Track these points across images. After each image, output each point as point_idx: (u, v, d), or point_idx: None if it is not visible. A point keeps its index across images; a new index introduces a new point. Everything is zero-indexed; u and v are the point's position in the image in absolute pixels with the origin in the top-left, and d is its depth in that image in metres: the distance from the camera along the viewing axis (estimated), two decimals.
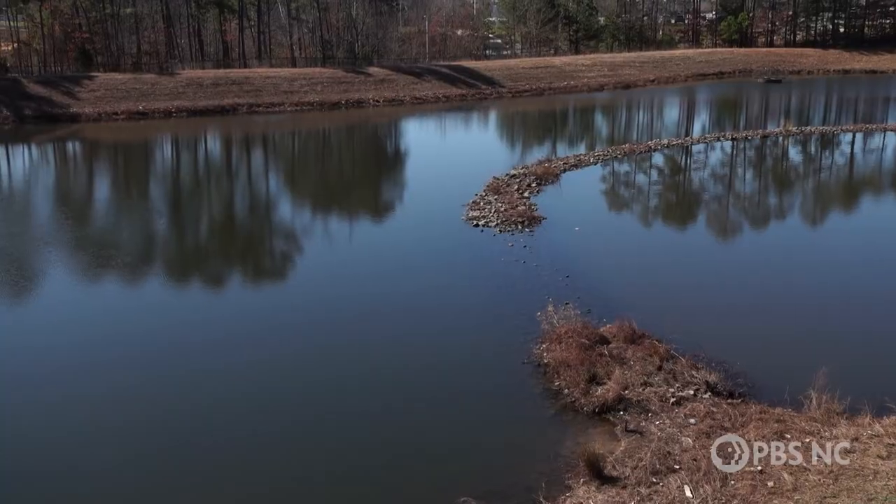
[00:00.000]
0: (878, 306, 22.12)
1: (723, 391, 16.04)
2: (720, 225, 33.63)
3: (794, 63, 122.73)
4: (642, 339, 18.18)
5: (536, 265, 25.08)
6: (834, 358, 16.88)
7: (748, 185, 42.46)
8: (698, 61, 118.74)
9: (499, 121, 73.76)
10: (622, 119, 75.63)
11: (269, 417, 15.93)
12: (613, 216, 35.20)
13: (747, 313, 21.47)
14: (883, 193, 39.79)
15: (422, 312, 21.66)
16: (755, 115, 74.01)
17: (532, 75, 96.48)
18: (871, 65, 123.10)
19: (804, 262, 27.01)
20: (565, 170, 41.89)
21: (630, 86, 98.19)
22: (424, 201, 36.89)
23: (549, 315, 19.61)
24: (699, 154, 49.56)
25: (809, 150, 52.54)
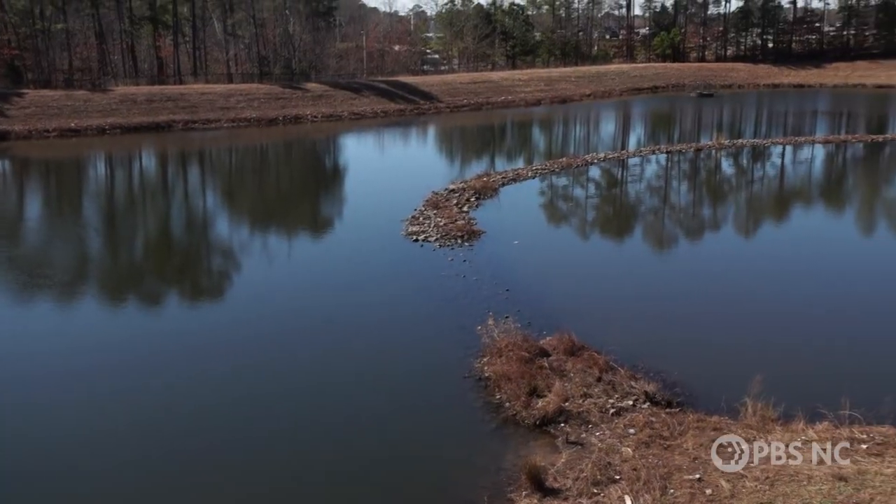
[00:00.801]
0: (811, 313, 22.61)
1: (661, 401, 16.21)
2: (656, 236, 34.12)
3: (726, 77, 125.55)
4: (582, 351, 18.30)
5: (476, 279, 25.14)
6: (768, 365, 17.21)
7: (683, 197, 43.21)
8: (633, 76, 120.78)
9: (437, 136, 74.02)
10: (559, 133, 76.42)
11: (200, 434, 15.64)
12: (552, 229, 35.48)
13: (684, 323, 21.80)
14: (813, 204, 40.77)
15: (360, 328, 21.51)
16: (689, 129, 75.38)
17: (470, 90, 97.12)
18: (798, 79, 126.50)
19: (738, 272, 27.49)
20: (504, 184, 42.16)
21: (567, 100, 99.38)
22: (363, 217, 36.80)
23: (489, 329, 19.66)
24: (635, 167, 50.28)
25: (742, 163, 53.64)
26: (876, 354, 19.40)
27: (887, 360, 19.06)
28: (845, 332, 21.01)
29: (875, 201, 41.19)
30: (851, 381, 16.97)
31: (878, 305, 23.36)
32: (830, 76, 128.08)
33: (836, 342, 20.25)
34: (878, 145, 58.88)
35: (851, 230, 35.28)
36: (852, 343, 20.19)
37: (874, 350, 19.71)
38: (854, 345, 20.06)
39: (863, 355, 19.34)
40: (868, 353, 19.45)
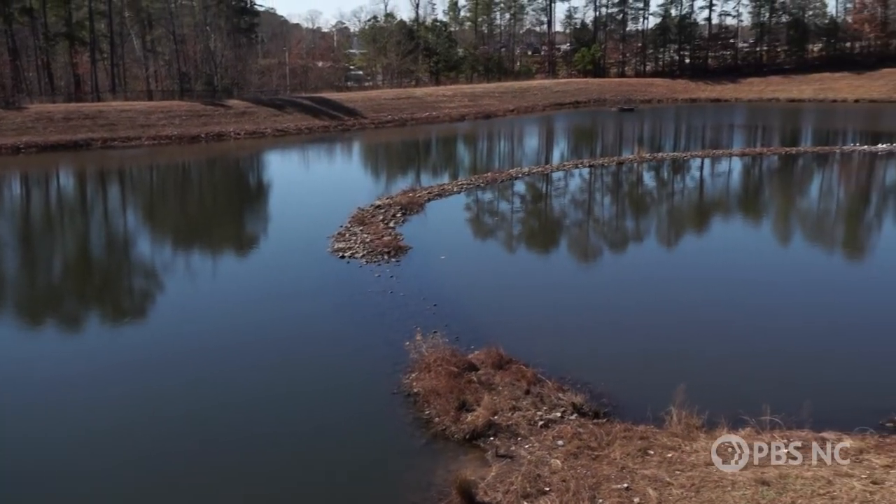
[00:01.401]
0: (732, 321, 23.11)
1: (589, 412, 16.36)
2: (581, 249, 34.53)
3: (645, 92, 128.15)
4: (510, 365, 18.39)
5: (403, 295, 25.09)
6: (692, 373, 17.58)
7: (607, 209, 43.87)
8: (555, 91, 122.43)
9: (362, 152, 73.87)
10: (484, 148, 76.95)
11: (120, 454, 15.24)
12: (478, 243, 35.65)
13: (610, 334, 22.09)
14: (732, 215, 41.74)
15: (286, 346, 21.27)
16: (610, 143, 76.64)
17: (394, 106, 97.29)
18: (715, 94, 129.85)
19: (661, 282, 27.99)
20: (430, 199, 42.24)
21: (490, 115, 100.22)
22: (289, 234, 36.48)
23: (417, 344, 19.63)
24: (559, 181, 50.90)
25: (662, 176, 54.71)
26: (794, 361, 19.91)
27: (805, 365, 19.59)
28: (765, 340, 21.52)
29: (791, 212, 42.38)
30: (772, 387, 17.40)
31: (795, 313, 23.99)
32: (745, 91, 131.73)
33: (756, 349, 20.73)
34: (792, 157, 60.70)
35: (769, 240, 36.23)
36: (772, 350, 20.68)
37: (793, 356, 20.23)
38: (773, 352, 20.55)
39: (782, 362, 19.82)
40: (787, 360, 19.94)
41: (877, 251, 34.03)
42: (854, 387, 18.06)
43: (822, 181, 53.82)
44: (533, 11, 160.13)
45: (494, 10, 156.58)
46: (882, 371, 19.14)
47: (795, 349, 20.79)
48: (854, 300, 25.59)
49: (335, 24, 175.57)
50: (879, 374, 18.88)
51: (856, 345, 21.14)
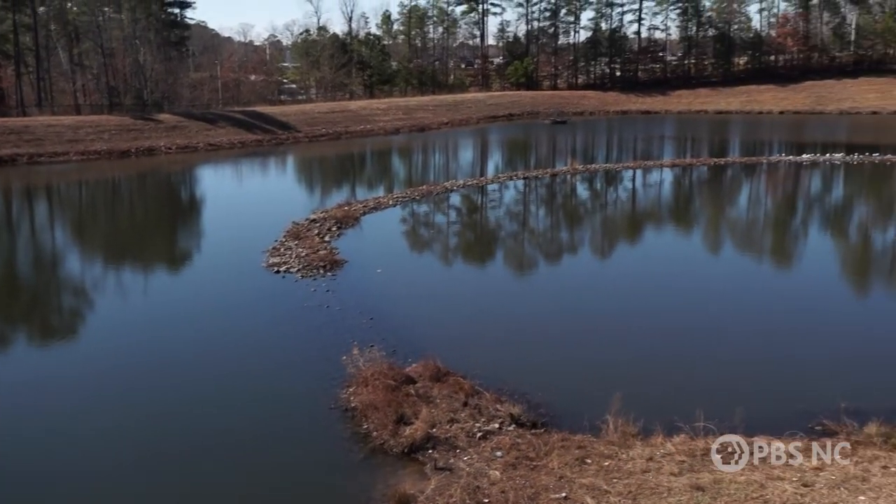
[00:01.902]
0: (665, 329, 23.46)
1: (526, 422, 16.42)
2: (517, 260, 34.75)
3: (578, 105, 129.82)
4: (447, 377, 18.37)
5: (340, 309, 24.93)
6: (628, 381, 17.79)
7: (541, 221, 44.26)
8: (489, 104, 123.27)
9: (297, 166, 73.41)
10: (419, 161, 77.09)
11: (43, 472, 14.85)
12: (414, 256, 35.63)
13: (547, 343, 22.21)
14: (664, 224, 42.42)
15: (221, 363, 20.96)
16: (544, 155, 77.38)
17: (328, 120, 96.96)
18: (645, 106, 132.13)
19: (596, 291, 28.32)
20: (365, 212, 42.12)
21: (425, 128, 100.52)
22: (222, 249, 36.01)
23: (354, 358, 19.50)
24: (494, 193, 51.20)
25: (596, 187, 55.39)
26: (726, 366, 20.27)
27: (737, 371, 19.93)
28: (697, 346, 21.94)
29: (721, 221, 43.22)
30: (705, 393, 17.69)
31: (726, 319, 24.47)
32: (675, 103, 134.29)
33: (689, 355, 21.10)
34: (721, 168, 62.00)
35: (700, 249, 36.90)
36: (704, 356, 21.08)
37: (724, 362, 20.59)
38: (706, 357, 20.94)
39: (714, 367, 20.19)
40: (719, 365, 20.31)
41: (803, 258, 34.86)
42: (784, 391, 18.44)
43: (751, 191, 55.05)
44: (466, 25, 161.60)
45: (427, 23, 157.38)
46: (810, 375, 19.59)
47: (727, 355, 21.18)
48: (782, 306, 26.15)
49: (267, 38, 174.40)
50: (808, 379, 19.31)
51: (785, 350, 21.59)
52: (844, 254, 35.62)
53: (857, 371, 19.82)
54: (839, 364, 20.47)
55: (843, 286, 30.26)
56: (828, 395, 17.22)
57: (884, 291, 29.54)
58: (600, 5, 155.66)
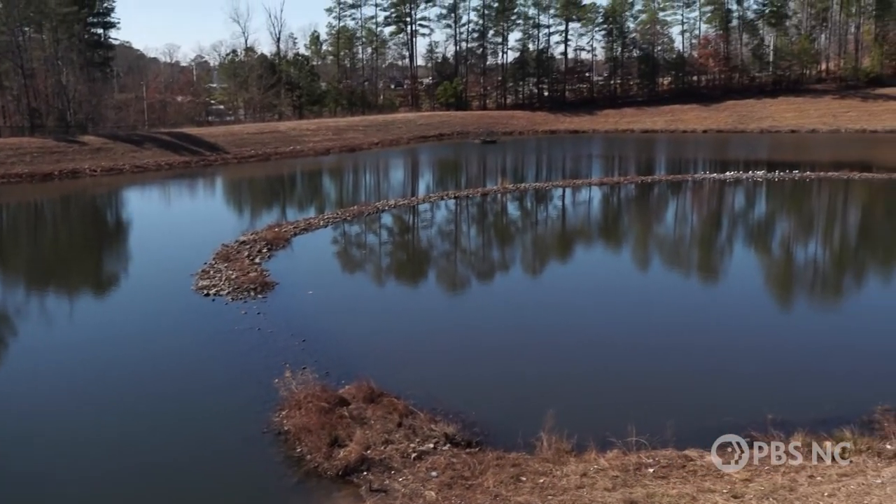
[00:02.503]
0: (597, 344, 23.75)
1: (461, 441, 16.41)
2: (449, 279, 34.81)
3: (507, 124, 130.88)
4: (381, 398, 18.26)
5: (271, 331, 24.64)
6: (561, 398, 17.92)
7: (473, 239, 44.47)
8: (419, 124, 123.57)
9: (225, 187, 72.54)
10: (350, 181, 76.88)
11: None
12: (346, 277, 35.46)
13: (480, 362, 22.26)
14: (594, 241, 42.98)
15: (150, 388, 20.52)
16: (475, 174, 77.81)
17: (257, 141, 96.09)
18: (573, 125, 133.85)
19: (528, 308, 28.52)
20: (296, 234, 41.77)
21: (355, 149, 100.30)
22: (151, 273, 35.29)
23: (286, 381, 19.30)
24: (426, 213, 51.28)
25: (526, 205, 55.87)
26: (657, 381, 20.57)
27: (667, 385, 20.24)
28: (628, 361, 22.20)
29: (649, 238, 43.94)
30: (636, 407, 17.88)
31: (655, 334, 24.83)
32: (602, 122, 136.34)
33: (620, 371, 21.37)
34: (648, 185, 63.13)
35: (629, 265, 37.43)
36: (635, 371, 21.35)
37: (655, 377, 20.90)
38: (636, 372, 21.21)
39: (645, 382, 20.46)
40: (649, 380, 20.60)
41: (729, 273, 35.59)
42: (713, 404, 18.76)
43: (677, 208, 56.15)
44: (395, 46, 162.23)
45: (356, 44, 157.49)
46: (738, 387, 19.98)
47: (657, 368, 21.51)
48: (709, 320, 26.71)
49: (194, 58, 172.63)
50: (735, 391, 19.70)
51: (713, 363, 22.02)
52: (769, 268, 36.49)
53: (782, 383, 20.26)
54: (765, 376, 20.92)
55: (768, 300, 30.99)
56: (755, 406, 17.55)
57: (806, 305, 30.31)
58: (527, 27, 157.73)
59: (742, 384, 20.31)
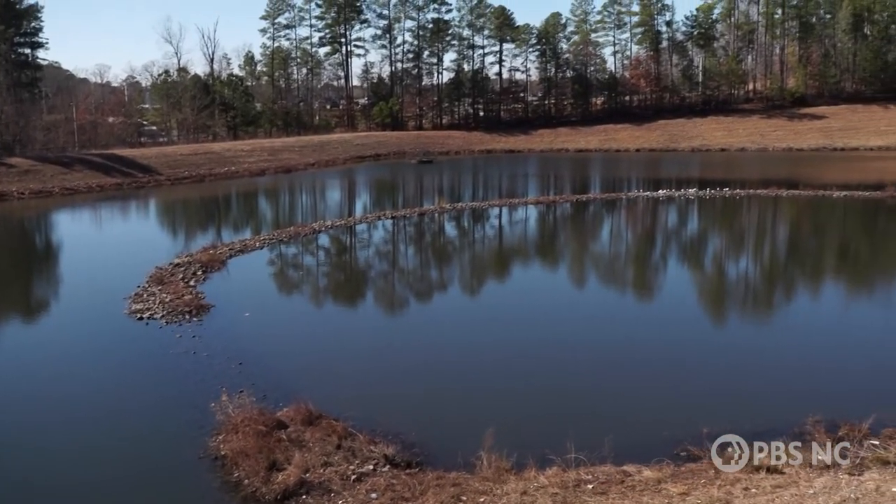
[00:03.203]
0: (535, 361, 23.87)
1: (401, 462, 16.32)
2: (387, 298, 34.72)
3: (443, 144, 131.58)
4: (320, 420, 18.10)
5: (207, 355, 24.26)
6: (500, 416, 17.96)
7: (411, 259, 44.47)
8: (356, 144, 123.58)
9: (159, 209, 71.44)
10: (286, 202, 76.37)
11: None
12: (284, 298, 35.15)
13: (419, 382, 22.21)
14: (531, 259, 43.31)
15: (82, 414, 20.03)
16: (412, 194, 77.92)
17: (191, 162, 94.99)
18: (509, 145, 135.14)
19: (466, 326, 28.62)
20: (231, 255, 41.29)
21: (291, 170, 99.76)
22: (81, 298, 34.49)
23: (223, 405, 19.01)
24: (363, 233, 51.14)
25: (463, 225, 56.08)
26: (594, 397, 20.78)
27: (604, 401, 20.45)
28: (565, 377, 22.38)
29: (585, 255, 44.42)
30: (575, 424, 17.98)
31: (591, 350, 25.10)
32: (537, 142, 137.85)
33: (557, 387, 21.50)
34: (583, 204, 63.92)
35: (566, 282, 37.75)
36: (572, 387, 21.53)
37: (592, 392, 21.11)
38: (574, 388, 21.40)
39: (582, 398, 20.66)
40: (587, 396, 20.80)
41: (663, 290, 36.15)
42: (650, 419, 18.96)
43: (612, 226, 56.90)
44: (330, 66, 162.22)
45: (291, 64, 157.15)
46: (673, 402, 20.27)
47: (594, 384, 21.74)
48: (644, 335, 27.03)
49: (126, 79, 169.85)
50: (671, 405, 19.95)
51: (648, 377, 22.29)
52: (702, 284, 37.17)
53: (715, 396, 20.62)
54: (699, 390, 21.29)
55: (702, 315, 31.55)
56: (691, 420, 17.82)
57: (739, 319, 30.90)
58: (462, 47, 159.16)
59: (677, 398, 20.62)
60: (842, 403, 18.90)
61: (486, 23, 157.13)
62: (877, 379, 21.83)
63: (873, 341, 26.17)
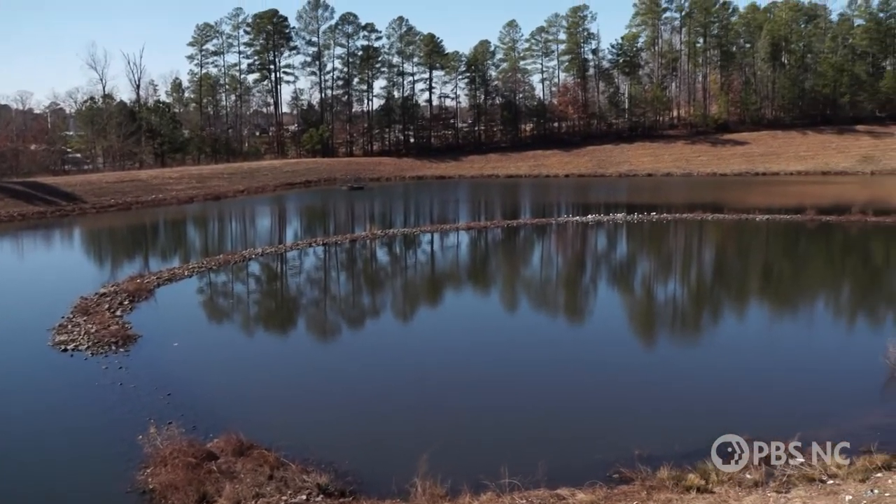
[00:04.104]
0: (467, 386, 23.91)
1: (335, 492, 16.16)
2: (319, 326, 34.47)
3: (374, 171, 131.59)
4: (251, 450, 17.83)
5: (135, 386, 23.75)
6: (433, 442, 17.87)
7: (342, 286, 44.25)
8: (286, 171, 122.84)
9: (84, 238, 69.93)
10: (215, 230, 75.40)
11: None
12: (214, 327, 34.62)
13: (352, 409, 22.06)
14: (462, 284, 43.43)
15: (4, 450, 19.38)
16: (343, 221, 77.67)
17: (117, 190, 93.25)
18: (439, 171, 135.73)
19: (398, 352, 28.58)
20: (159, 284, 40.56)
21: (220, 197, 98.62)
22: (2, 330, 33.47)
23: (151, 437, 18.61)
24: (294, 260, 50.74)
25: (395, 251, 56.02)
26: (527, 421, 20.87)
27: (537, 425, 20.55)
28: (498, 401, 22.45)
29: (516, 279, 44.73)
30: (508, 448, 18.06)
31: (523, 374, 25.23)
32: (467, 168, 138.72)
33: (491, 411, 21.55)
34: (514, 229, 64.44)
35: (497, 306, 37.95)
36: (505, 411, 21.59)
37: (525, 416, 21.20)
38: (506, 413, 21.46)
39: (515, 422, 20.72)
40: (520, 420, 20.87)
41: (593, 312, 36.62)
42: (582, 442, 19.15)
43: (543, 250, 57.45)
44: (259, 93, 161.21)
45: (220, 91, 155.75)
46: (605, 425, 20.51)
47: (526, 408, 21.84)
48: (576, 358, 27.33)
49: (49, 105, 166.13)
50: (603, 428, 20.19)
51: (580, 401, 22.56)
52: (631, 307, 37.74)
53: (647, 418, 20.88)
54: (629, 411, 21.56)
55: (631, 337, 32.01)
56: (622, 443, 18.03)
57: (667, 341, 31.41)
58: (392, 74, 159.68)
59: (609, 420, 20.87)
60: (768, 422, 19.32)
61: (416, 50, 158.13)
62: (800, 397, 22.38)
63: (797, 360, 26.85)
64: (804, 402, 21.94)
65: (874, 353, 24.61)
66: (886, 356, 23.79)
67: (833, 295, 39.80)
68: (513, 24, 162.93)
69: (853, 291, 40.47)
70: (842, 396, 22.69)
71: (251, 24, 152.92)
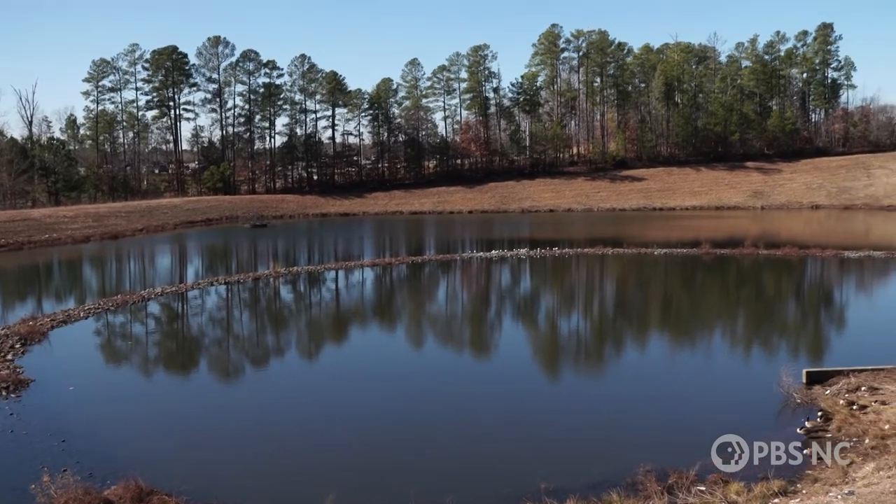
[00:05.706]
0: (371, 420, 23.74)
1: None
2: (221, 366, 33.81)
3: (277, 208, 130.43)
4: (151, 497, 17.33)
5: (26, 433, 22.84)
6: (341, 479, 17.74)
7: (246, 325, 43.51)
8: (186, 209, 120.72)
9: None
10: (113, 270, 73.34)
11: None
12: (112, 370, 33.57)
13: (256, 450, 21.67)
14: (368, 321, 43.23)
15: None
16: (245, 259, 76.53)
17: (8, 229, 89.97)
18: (344, 208, 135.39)
19: (302, 392, 28.31)
20: (53, 326, 39.25)
21: (118, 236, 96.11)
22: None
23: (44, 486, 17.88)
24: (195, 300, 49.71)
25: (300, 289, 55.47)
26: (435, 454, 20.90)
27: (446, 459, 20.58)
28: (405, 436, 22.42)
29: (421, 315, 44.78)
30: (415, 482, 17.98)
31: (430, 408, 25.31)
32: (372, 205, 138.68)
33: (398, 446, 21.54)
34: (419, 265, 64.53)
35: (403, 342, 37.93)
36: (412, 446, 21.60)
37: (433, 450, 21.21)
38: (414, 447, 21.47)
39: (423, 456, 20.73)
40: (428, 454, 20.88)
41: (499, 346, 36.89)
42: (490, 475, 19.19)
43: (448, 286, 57.67)
44: (158, 130, 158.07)
45: (117, 128, 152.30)
46: (513, 458, 20.63)
47: (434, 442, 21.91)
48: (481, 392, 27.45)
49: None
50: (511, 461, 20.30)
51: (487, 435, 22.64)
52: (535, 340, 38.17)
53: (553, 450, 21.11)
54: (536, 444, 21.78)
55: (535, 370, 32.37)
56: (529, 476, 18.15)
57: (571, 373, 31.86)
58: (294, 111, 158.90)
59: (516, 452, 21.00)
60: (670, 452, 19.73)
61: (318, 87, 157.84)
62: (699, 427, 22.89)
63: (696, 389, 27.60)
64: (703, 431, 22.44)
65: (768, 382, 25.44)
66: (780, 384, 24.61)
67: (729, 325, 41.01)
68: (415, 63, 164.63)
69: (748, 322, 41.79)
70: (739, 424, 23.31)
71: (149, 60, 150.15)
